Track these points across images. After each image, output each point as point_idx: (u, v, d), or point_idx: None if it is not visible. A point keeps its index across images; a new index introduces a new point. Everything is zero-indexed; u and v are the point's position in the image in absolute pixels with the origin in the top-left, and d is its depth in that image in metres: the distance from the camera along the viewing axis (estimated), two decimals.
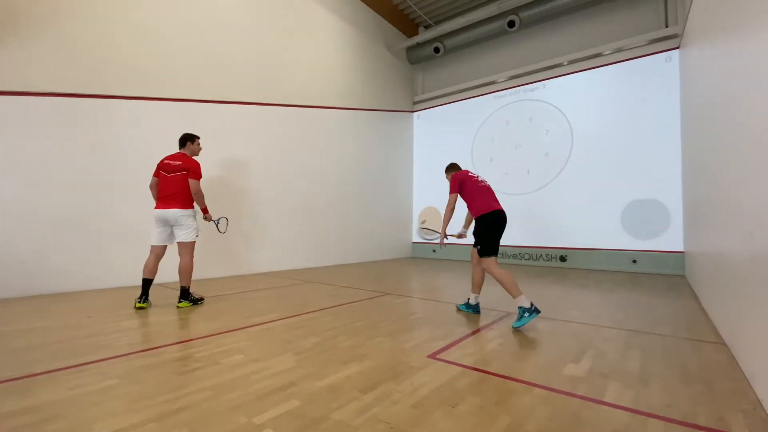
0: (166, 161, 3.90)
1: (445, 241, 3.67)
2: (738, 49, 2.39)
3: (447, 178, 3.77)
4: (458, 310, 3.65)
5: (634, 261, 6.82)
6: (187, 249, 3.84)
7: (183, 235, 3.82)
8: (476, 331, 2.94)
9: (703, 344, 2.64)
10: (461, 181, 3.45)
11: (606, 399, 1.78)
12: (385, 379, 2.00)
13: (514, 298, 3.06)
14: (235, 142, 6.23)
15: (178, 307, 3.70)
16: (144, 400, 1.74)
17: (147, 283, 3.76)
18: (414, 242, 10.08)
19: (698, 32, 4.32)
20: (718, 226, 3.05)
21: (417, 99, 10.35)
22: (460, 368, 2.17)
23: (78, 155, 4.63)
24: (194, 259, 3.95)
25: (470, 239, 3.57)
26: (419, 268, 7.44)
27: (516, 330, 2.96)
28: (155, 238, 3.85)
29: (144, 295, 3.71)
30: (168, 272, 5.31)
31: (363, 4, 8.87)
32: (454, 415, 1.63)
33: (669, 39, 6.69)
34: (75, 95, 4.61)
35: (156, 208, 3.84)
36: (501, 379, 2.02)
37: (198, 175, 3.89)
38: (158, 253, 3.88)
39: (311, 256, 7.45)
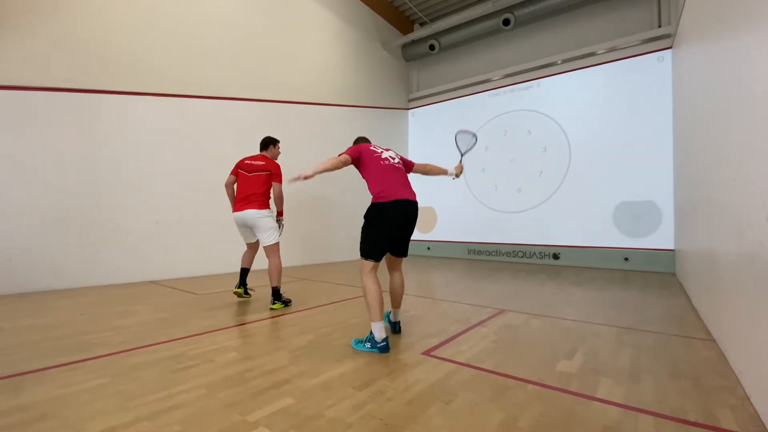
0: (247, 161, 3.84)
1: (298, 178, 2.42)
2: (730, 50, 2.42)
3: None
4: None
5: (626, 259, 6.89)
6: (272, 250, 3.70)
7: (264, 238, 3.69)
8: (470, 329, 2.96)
9: (692, 341, 2.68)
10: (359, 151, 2.65)
11: (598, 395, 1.81)
12: (379, 376, 2.01)
13: (370, 320, 2.41)
14: (228, 138, 6.17)
15: (271, 308, 3.54)
16: (136, 398, 1.73)
17: (244, 273, 3.89)
18: None
19: (691, 32, 4.36)
20: (708, 224, 3.09)
21: (412, 96, 10.33)
22: (454, 365, 2.18)
23: (68, 151, 4.56)
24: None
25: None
26: (413, 266, 7.45)
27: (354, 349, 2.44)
28: (243, 237, 3.91)
29: (241, 282, 3.87)
30: (165, 269, 5.29)
31: (358, 1, 8.82)
32: (449, 411, 1.64)
33: (662, 39, 6.73)
34: (65, 90, 4.54)
35: (234, 211, 3.75)
36: (495, 375, 2.03)
37: (281, 178, 3.81)
38: (254, 247, 3.93)
39: (305, 253, 7.43)
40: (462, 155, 3.28)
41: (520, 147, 8.30)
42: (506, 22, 8.23)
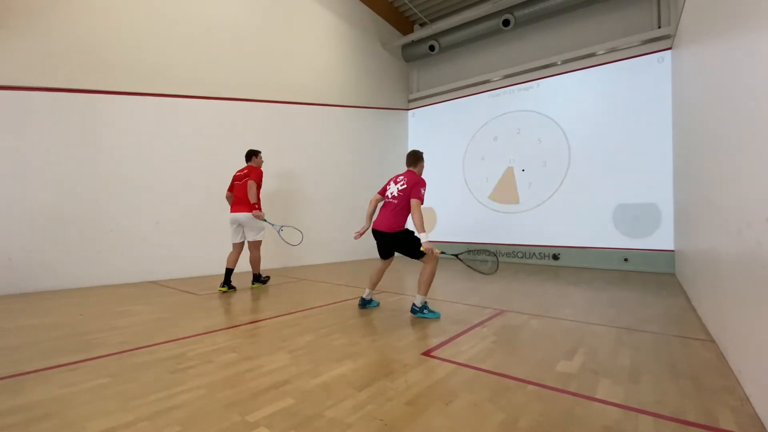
0: (237, 173, 4.64)
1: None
2: (729, 51, 2.42)
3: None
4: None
5: (626, 259, 6.89)
6: (254, 246, 4.56)
7: (251, 235, 4.52)
8: (470, 329, 2.96)
9: (692, 341, 2.68)
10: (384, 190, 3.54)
11: (597, 395, 1.81)
12: (379, 376, 2.01)
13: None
14: (227, 138, 6.18)
15: (251, 288, 4.55)
16: (136, 398, 1.73)
17: (229, 272, 4.44)
18: None
19: (690, 33, 4.36)
20: (707, 225, 3.09)
21: (412, 97, 10.34)
22: (453, 365, 2.18)
23: (68, 151, 4.56)
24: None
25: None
26: (413, 266, 7.45)
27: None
28: (231, 237, 4.57)
29: (226, 281, 4.41)
30: (165, 269, 5.29)
31: (359, 2, 8.83)
32: (448, 412, 1.64)
33: (661, 39, 6.74)
34: (65, 90, 4.54)
35: (230, 212, 4.56)
36: (494, 376, 2.03)
37: (255, 177, 4.50)
38: (238, 249, 4.56)
39: (305, 253, 7.42)
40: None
41: (519, 147, 8.31)
42: (506, 22, 8.24)
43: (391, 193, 3.40)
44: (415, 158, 3.54)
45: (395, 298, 4.18)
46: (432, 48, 9.49)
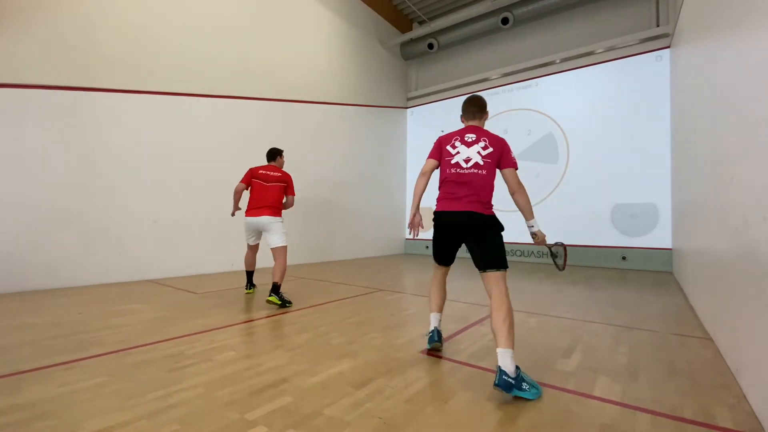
0: (262, 171, 4.01)
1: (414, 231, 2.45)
2: (728, 49, 2.42)
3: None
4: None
5: (624, 258, 6.91)
6: (280, 252, 3.84)
7: (275, 240, 3.85)
8: (468, 327, 2.96)
9: (689, 339, 2.69)
10: (440, 151, 2.32)
11: (595, 393, 1.81)
12: (377, 374, 2.01)
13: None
14: (226, 137, 6.16)
15: (267, 300, 3.63)
16: (134, 397, 1.72)
17: (249, 274, 4.34)
18: (407, 239, 10.11)
19: (689, 32, 4.36)
20: (705, 223, 3.10)
21: (411, 95, 10.33)
22: (452, 363, 2.18)
23: (66, 149, 4.54)
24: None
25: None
26: (412, 265, 7.46)
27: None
28: (247, 238, 4.16)
29: (249, 282, 4.31)
30: (163, 268, 5.28)
31: (358, 0, 8.81)
32: (447, 410, 1.64)
33: (660, 38, 6.75)
34: (63, 88, 4.51)
35: (248, 216, 3.96)
36: (493, 374, 2.03)
37: (294, 191, 4.12)
38: (254, 249, 4.28)
39: (304, 252, 7.42)
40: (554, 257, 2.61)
41: (518, 146, 8.31)
42: (505, 20, 8.24)
43: (467, 159, 2.16)
44: (481, 107, 2.41)
45: (394, 297, 4.19)
46: (431, 46, 9.48)
